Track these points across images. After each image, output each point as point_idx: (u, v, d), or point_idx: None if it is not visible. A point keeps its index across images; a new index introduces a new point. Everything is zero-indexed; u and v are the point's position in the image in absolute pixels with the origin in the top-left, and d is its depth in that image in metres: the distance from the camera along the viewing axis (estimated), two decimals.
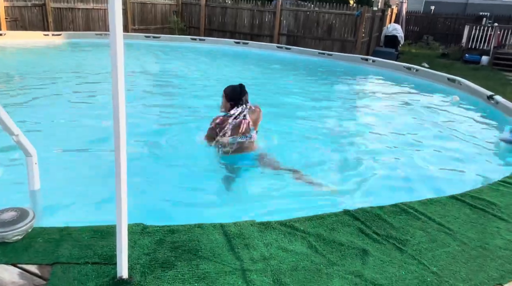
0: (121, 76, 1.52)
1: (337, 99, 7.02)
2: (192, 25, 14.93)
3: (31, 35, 10.66)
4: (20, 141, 2.65)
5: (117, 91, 1.52)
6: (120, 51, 1.49)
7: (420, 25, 20.49)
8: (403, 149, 4.35)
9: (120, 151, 1.58)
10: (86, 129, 4.32)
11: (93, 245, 1.95)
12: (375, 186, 3.34)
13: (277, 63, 10.49)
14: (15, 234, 1.85)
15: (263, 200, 3.07)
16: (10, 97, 5.53)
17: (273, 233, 2.23)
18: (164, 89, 6.86)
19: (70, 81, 6.77)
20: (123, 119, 1.57)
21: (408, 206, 2.59)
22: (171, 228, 2.19)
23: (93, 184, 3.04)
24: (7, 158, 3.37)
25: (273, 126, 4.47)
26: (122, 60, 1.51)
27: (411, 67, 9.42)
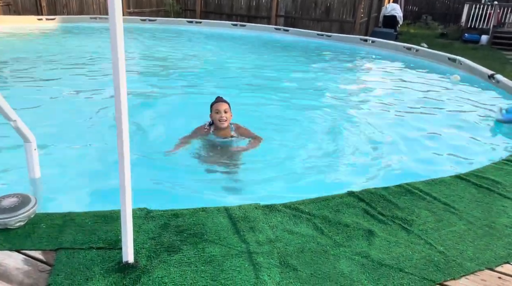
0: (122, 60, 1.47)
1: (337, 81, 6.95)
2: (188, 8, 14.67)
3: (24, 20, 10.47)
4: (18, 127, 2.60)
5: (118, 75, 1.47)
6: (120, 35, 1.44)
7: (418, 5, 20.18)
8: (404, 130, 4.32)
9: (123, 135, 1.54)
10: (86, 114, 4.26)
11: (97, 230, 1.93)
12: (378, 167, 3.33)
13: (276, 45, 10.36)
14: (17, 220, 1.83)
15: (266, 182, 3.05)
16: (6, 84, 5.44)
17: (278, 215, 2.21)
18: (165, 73, 6.76)
19: (67, 66, 6.67)
20: (124, 103, 1.53)
21: (412, 186, 2.58)
22: (175, 212, 2.17)
23: (94, 169, 3.02)
24: (6, 144, 3.32)
25: (273, 110, 4.43)
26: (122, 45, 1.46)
27: (411, 48, 9.31)
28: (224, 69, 7.27)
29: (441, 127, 4.44)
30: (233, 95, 5.22)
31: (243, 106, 4.80)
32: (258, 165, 3.29)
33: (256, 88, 5.88)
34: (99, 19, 11.68)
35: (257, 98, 5.26)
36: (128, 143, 1.56)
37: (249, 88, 5.88)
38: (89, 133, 3.77)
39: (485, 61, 8.89)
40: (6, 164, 3.06)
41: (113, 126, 3.60)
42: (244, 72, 7.13)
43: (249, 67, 7.57)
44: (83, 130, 3.82)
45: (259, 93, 5.56)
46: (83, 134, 3.75)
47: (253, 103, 4.97)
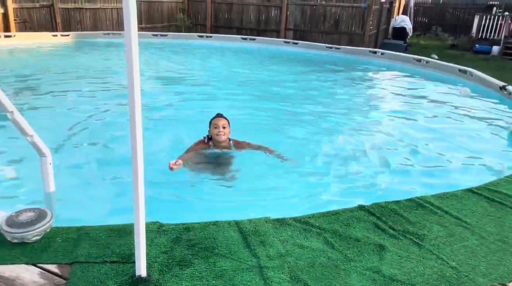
0: (137, 76, 1.52)
1: (347, 93, 6.97)
2: (198, 23, 14.93)
3: (39, 36, 10.76)
4: (34, 142, 2.68)
5: (133, 90, 1.52)
6: (135, 50, 1.49)
7: (428, 16, 20.20)
8: (414, 142, 4.30)
9: (136, 150, 1.58)
10: (100, 128, 4.35)
11: (110, 244, 1.96)
12: (388, 180, 3.32)
13: (285, 58, 10.45)
14: (34, 234, 1.88)
15: (275, 196, 3.07)
16: (22, 98, 5.59)
17: (288, 229, 2.22)
18: (175, 87, 6.87)
19: (81, 81, 6.83)
20: (139, 118, 1.57)
21: (423, 200, 2.57)
22: (187, 226, 2.20)
23: (107, 183, 3.07)
24: (22, 158, 3.40)
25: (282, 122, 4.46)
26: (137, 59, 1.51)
27: (421, 59, 9.31)
28: (234, 82, 7.36)
29: (451, 140, 4.41)
30: (241, 108, 5.29)
31: (252, 119, 4.86)
32: (266, 178, 3.31)
33: (265, 101, 5.95)
34: (112, 35, 11.95)
35: (266, 111, 5.31)
36: (142, 158, 1.61)
37: (258, 100, 5.94)
38: (103, 147, 3.84)
39: (497, 72, 8.83)
40: (22, 177, 3.14)
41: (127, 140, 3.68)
42: (253, 85, 7.21)
43: (258, 80, 7.65)
44: (97, 145, 3.89)
45: (267, 106, 5.61)
46: (97, 148, 3.82)
47: (262, 116, 5.02)
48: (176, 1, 14.83)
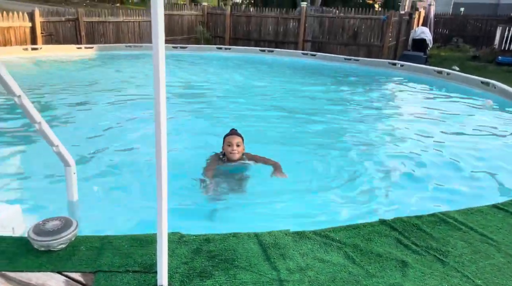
0: (163, 86, 1.55)
1: (366, 105, 6.92)
2: (217, 35, 15.15)
3: (65, 49, 11.13)
4: (59, 152, 2.76)
5: (158, 101, 1.55)
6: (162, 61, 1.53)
7: (449, 27, 19.97)
8: (435, 156, 4.23)
9: (161, 160, 1.61)
10: (123, 138, 4.43)
11: (133, 254, 1.99)
12: (410, 194, 3.27)
13: (303, 70, 10.48)
14: (60, 243, 1.92)
15: (294, 208, 3.06)
16: (47, 109, 5.77)
17: (308, 243, 2.21)
18: (193, 98, 6.98)
19: (104, 92, 7.01)
20: (164, 128, 1.60)
21: (447, 216, 2.51)
22: (207, 237, 2.21)
23: (129, 193, 3.12)
24: (47, 168, 3.50)
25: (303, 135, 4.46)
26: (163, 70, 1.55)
27: (442, 71, 9.19)
28: (251, 94, 7.42)
29: (475, 154, 4.31)
30: (258, 119, 5.31)
31: (269, 131, 4.88)
32: (284, 190, 3.30)
33: (283, 112, 5.97)
34: (134, 47, 12.27)
35: (283, 122, 5.33)
36: (166, 170, 1.64)
37: (276, 112, 5.97)
38: (126, 158, 3.91)
39: None
40: (48, 186, 3.22)
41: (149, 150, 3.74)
42: (270, 96, 7.24)
43: (275, 91, 7.69)
44: (120, 155, 3.97)
45: (285, 117, 5.63)
46: (119, 158, 3.90)
47: (279, 127, 5.03)
48: (196, 14, 15.12)
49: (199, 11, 15.29)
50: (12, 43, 10.70)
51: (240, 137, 3.44)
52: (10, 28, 10.62)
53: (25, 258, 1.92)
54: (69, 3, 30.43)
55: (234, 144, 3.37)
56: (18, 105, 2.43)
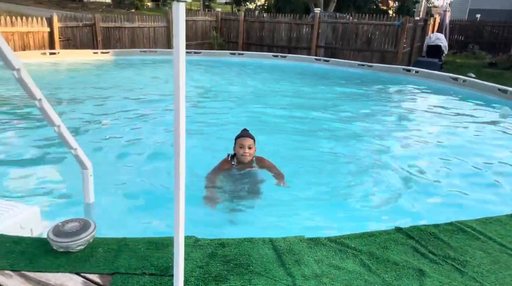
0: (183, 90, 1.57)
1: (380, 112, 6.88)
2: (230, 40, 15.27)
3: (81, 53, 11.34)
4: (77, 155, 2.81)
5: (178, 106, 1.57)
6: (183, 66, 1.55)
7: (464, 34, 19.75)
8: (453, 165, 4.18)
9: (179, 165, 1.62)
10: (139, 141, 4.48)
11: (149, 256, 2.01)
12: (427, 202, 3.23)
13: (316, 76, 10.47)
14: (78, 244, 1.95)
15: (308, 214, 3.04)
16: (64, 112, 5.88)
17: (323, 249, 2.20)
18: (205, 102, 7.03)
19: (120, 95, 7.12)
20: (183, 132, 1.61)
21: (465, 225, 2.47)
22: (222, 242, 2.22)
23: (146, 196, 3.15)
24: (65, 170, 3.56)
25: (317, 141, 4.44)
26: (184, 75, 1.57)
27: (457, 78, 9.07)
28: (262, 98, 7.44)
29: (493, 163, 4.24)
30: (271, 124, 5.32)
31: (284, 136, 4.88)
32: (298, 196, 3.29)
33: (296, 118, 5.96)
34: (149, 52, 12.44)
35: (298, 128, 5.32)
36: (184, 174, 1.65)
37: (289, 117, 5.96)
38: (141, 161, 3.96)
39: None
40: (66, 188, 3.28)
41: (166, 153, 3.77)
42: (283, 101, 7.25)
43: (287, 96, 7.69)
44: (136, 158, 4.02)
45: (299, 123, 5.62)
46: (135, 161, 3.95)
47: (294, 133, 5.03)
48: (210, 20, 15.27)
49: (213, 17, 15.44)
50: (31, 47, 10.95)
51: (252, 139, 3.42)
52: (29, 33, 10.87)
53: (44, 259, 1.95)
54: (86, 8, 31.05)
55: (246, 146, 3.34)
56: (38, 108, 2.49)
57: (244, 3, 40.13)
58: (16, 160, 3.92)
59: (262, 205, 3.18)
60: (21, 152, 4.18)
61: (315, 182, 3.48)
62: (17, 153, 4.16)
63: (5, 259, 1.95)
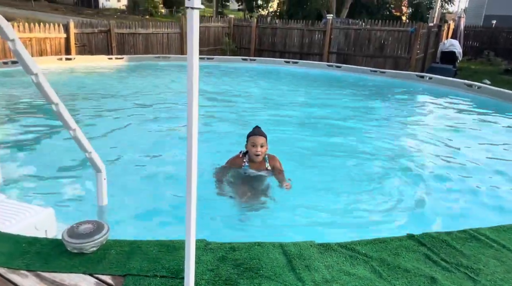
0: (196, 96, 1.60)
1: (392, 118, 6.83)
2: (243, 46, 15.37)
3: (96, 59, 11.55)
4: (92, 158, 2.87)
5: (191, 112, 1.60)
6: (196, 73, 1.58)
7: (479, 40, 19.52)
8: (465, 172, 4.13)
9: (191, 169, 1.65)
10: (152, 145, 4.54)
11: (160, 259, 2.03)
12: (439, 209, 3.19)
13: (328, 82, 10.46)
14: (92, 246, 1.99)
15: (320, 219, 3.04)
16: (80, 116, 5.99)
17: (333, 255, 2.19)
18: (216, 107, 7.08)
19: (134, 100, 7.22)
20: (195, 136, 1.64)
21: (478, 232, 2.44)
22: (232, 245, 2.23)
23: (158, 199, 3.19)
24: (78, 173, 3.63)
25: (328, 146, 4.43)
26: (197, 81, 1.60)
27: (472, 84, 8.96)
28: (275, 104, 7.46)
29: (506, 171, 4.18)
30: (282, 129, 5.33)
31: (295, 141, 4.88)
32: (308, 200, 3.28)
33: (307, 123, 5.96)
34: (162, 58, 12.61)
35: (309, 133, 5.32)
36: (196, 178, 1.67)
37: (300, 122, 5.97)
38: (154, 165, 4.01)
39: None
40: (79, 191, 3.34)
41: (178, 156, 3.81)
42: (294, 106, 7.26)
43: (299, 102, 7.70)
44: (149, 161, 4.07)
45: (310, 129, 5.62)
46: (148, 164, 4.00)
47: (305, 138, 5.03)
48: (223, 26, 15.41)
49: (225, 23, 15.58)
50: (48, 53, 11.20)
51: (264, 137, 3.41)
52: (46, 39, 11.13)
53: (59, 260, 1.99)
54: (101, 15, 31.66)
55: (258, 145, 3.33)
56: (55, 112, 2.55)
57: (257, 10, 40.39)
58: (32, 163, 4.00)
59: (272, 208, 3.18)
60: (37, 155, 4.27)
61: (327, 187, 3.47)
62: (33, 156, 4.25)
63: (21, 259, 1.99)
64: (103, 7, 40.09)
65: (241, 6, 40.84)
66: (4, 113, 5.94)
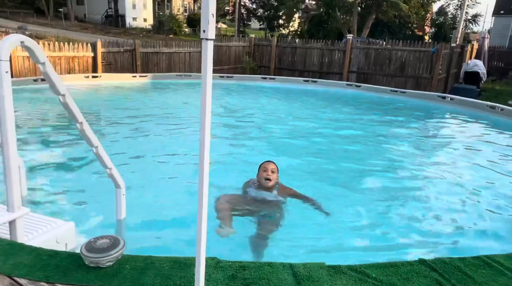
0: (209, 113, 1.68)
1: (409, 139, 6.77)
2: (262, 65, 15.61)
3: (121, 77, 11.97)
4: (112, 174, 2.99)
5: (204, 131, 1.67)
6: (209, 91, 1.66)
7: (505, 60, 19.16)
8: (483, 197, 4.03)
9: (203, 187, 1.72)
10: (171, 162, 4.65)
11: (172, 276, 2.09)
12: (454, 235, 3.14)
13: (347, 101, 10.46)
14: (108, 260, 2.07)
15: (331, 241, 3.04)
16: (103, 131, 6.21)
17: (343, 278, 2.20)
18: (232, 126, 7.19)
19: (156, 117, 7.43)
20: (207, 155, 1.70)
21: (492, 260, 2.39)
22: (243, 264, 2.27)
23: (173, 216, 3.27)
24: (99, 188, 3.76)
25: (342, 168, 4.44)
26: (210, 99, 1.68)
27: (495, 106, 8.79)
28: (291, 123, 7.51)
29: None
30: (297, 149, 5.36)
31: (308, 162, 4.90)
32: (319, 223, 3.29)
33: (321, 144, 5.98)
34: (184, 76, 12.95)
35: (323, 154, 5.33)
36: (207, 195, 1.74)
37: (314, 143, 5.99)
38: (173, 182, 4.11)
39: None
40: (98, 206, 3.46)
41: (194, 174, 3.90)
42: (309, 127, 7.29)
43: (316, 122, 7.73)
44: (168, 178, 4.18)
45: (324, 150, 5.63)
46: (167, 182, 4.10)
47: (318, 159, 5.04)
48: (243, 45, 15.73)
49: (246, 42, 15.90)
50: (76, 71, 11.70)
51: (276, 166, 3.45)
52: (74, 57, 11.64)
53: (76, 273, 2.08)
54: (128, 34, 32.81)
55: (269, 170, 3.36)
56: (79, 130, 2.69)
57: (278, 29, 40.99)
58: (55, 178, 4.17)
59: (283, 229, 3.20)
60: (60, 171, 4.45)
61: (339, 209, 3.47)
62: (56, 171, 4.43)
63: (42, 271, 2.09)
64: (129, 26, 41.58)
65: (262, 25, 41.61)
66: (31, 128, 6.23)
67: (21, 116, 6.76)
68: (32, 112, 7.36)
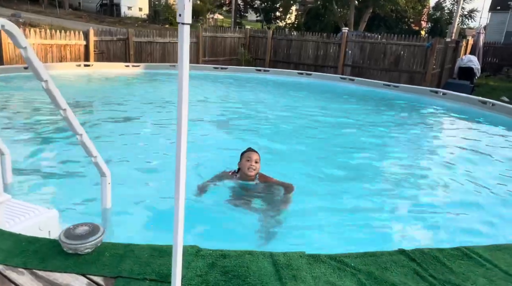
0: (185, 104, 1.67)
1: (399, 134, 6.79)
2: (258, 57, 15.54)
3: (114, 66, 11.86)
4: (97, 163, 2.97)
5: (180, 123, 1.67)
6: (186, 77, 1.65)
7: (499, 56, 19.24)
8: (469, 190, 4.08)
9: (180, 178, 1.71)
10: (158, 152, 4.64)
11: (151, 263, 2.09)
12: (435, 226, 3.18)
13: (340, 95, 10.46)
14: (86, 247, 2.07)
15: (312, 231, 3.05)
16: (93, 120, 6.17)
17: (322, 266, 2.21)
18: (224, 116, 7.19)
19: (144, 107, 7.39)
20: (184, 143, 1.70)
21: (471, 251, 2.42)
22: (223, 253, 2.28)
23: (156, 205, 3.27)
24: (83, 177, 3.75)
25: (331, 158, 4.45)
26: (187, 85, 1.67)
27: (486, 101, 8.83)
28: (282, 114, 7.50)
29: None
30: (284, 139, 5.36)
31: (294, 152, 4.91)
32: (301, 212, 3.30)
33: (309, 135, 5.99)
34: (177, 67, 12.83)
35: (309, 145, 5.34)
36: (184, 185, 1.74)
37: (302, 134, 5.99)
38: (159, 171, 4.10)
39: None
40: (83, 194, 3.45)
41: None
42: (300, 118, 7.29)
43: (306, 114, 7.73)
44: (154, 168, 4.17)
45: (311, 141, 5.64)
46: (154, 171, 4.10)
47: (305, 150, 5.05)
48: (239, 37, 15.64)
49: (242, 34, 15.80)
50: (67, 59, 11.57)
51: (258, 156, 3.45)
52: (66, 46, 11.51)
53: (55, 259, 2.07)
54: (123, 23, 32.46)
55: (253, 160, 3.37)
56: (63, 117, 2.67)
57: (275, 21, 40.75)
58: (40, 166, 4.15)
59: (266, 218, 3.22)
60: (44, 159, 4.42)
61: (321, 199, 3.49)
62: (41, 159, 4.40)
63: (20, 257, 2.09)
64: (125, 15, 41.11)
65: (259, 17, 41.32)
66: (18, 115, 6.17)
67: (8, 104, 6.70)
68: (20, 100, 7.29)
